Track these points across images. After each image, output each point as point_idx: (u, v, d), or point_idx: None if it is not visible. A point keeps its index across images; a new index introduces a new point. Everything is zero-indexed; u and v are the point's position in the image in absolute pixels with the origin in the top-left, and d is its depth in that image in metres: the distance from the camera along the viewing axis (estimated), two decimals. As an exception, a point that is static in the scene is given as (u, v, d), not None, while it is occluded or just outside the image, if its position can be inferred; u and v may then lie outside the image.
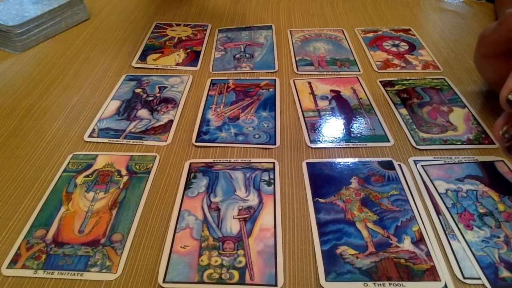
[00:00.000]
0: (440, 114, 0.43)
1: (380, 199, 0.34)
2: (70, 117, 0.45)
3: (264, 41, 0.58)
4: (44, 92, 0.49)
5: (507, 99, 0.29)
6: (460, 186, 0.35)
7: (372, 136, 0.41)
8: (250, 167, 0.38)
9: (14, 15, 0.56)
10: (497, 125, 0.31)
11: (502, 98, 0.30)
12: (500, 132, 0.30)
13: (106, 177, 0.37)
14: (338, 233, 0.32)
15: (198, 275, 0.29)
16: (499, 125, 0.30)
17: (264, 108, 0.45)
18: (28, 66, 0.54)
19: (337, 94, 0.47)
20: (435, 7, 0.67)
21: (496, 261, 0.29)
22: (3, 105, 0.47)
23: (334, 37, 0.59)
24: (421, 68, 0.51)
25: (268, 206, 0.34)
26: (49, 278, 0.30)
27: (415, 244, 0.31)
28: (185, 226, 0.33)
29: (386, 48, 0.56)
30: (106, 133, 0.42)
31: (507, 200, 0.34)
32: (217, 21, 0.64)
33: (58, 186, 0.36)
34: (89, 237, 0.32)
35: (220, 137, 0.41)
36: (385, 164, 0.38)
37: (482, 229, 0.32)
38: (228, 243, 0.31)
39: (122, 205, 0.35)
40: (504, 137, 0.30)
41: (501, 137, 0.30)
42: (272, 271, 0.29)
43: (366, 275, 0.29)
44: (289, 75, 0.51)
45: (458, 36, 0.58)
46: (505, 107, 0.30)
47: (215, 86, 0.49)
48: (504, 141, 0.30)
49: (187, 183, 0.36)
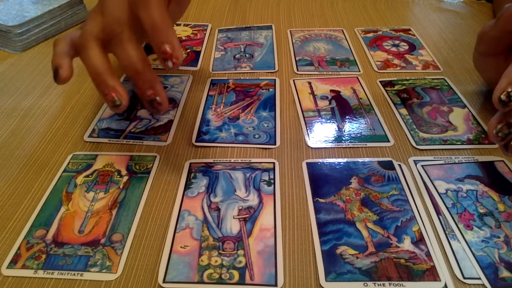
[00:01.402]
0: (440, 114, 0.43)
1: (380, 199, 0.34)
2: (70, 117, 0.45)
3: (264, 41, 0.58)
4: (44, 92, 0.49)
5: (499, 99, 0.30)
6: (460, 186, 0.35)
7: (372, 136, 0.41)
8: (250, 167, 0.38)
9: (14, 15, 0.56)
10: (491, 124, 0.31)
11: (495, 98, 0.30)
12: (494, 131, 0.31)
13: (106, 177, 0.37)
14: (338, 233, 0.32)
15: (198, 275, 0.29)
16: (493, 123, 0.31)
17: (264, 108, 0.45)
18: (28, 66, 0.54)
19: (337, 94, 0.47)
20: (435, 7, 0.67)
21: (496, 261, 0.29)
22: (3, 105, 0.47)
23: (334, 37, 0.59)
24: (421, 68, 0.51)
25: (268, 206, 0.34)
26: (49, 278, 0.30)
27: (415, 244, 0.31)
28: (185, 226, 0.33)
29: (386, 48, 0.56)
30: (106, 133, 0.42)
31: (507, 200, 0.34)
32: (217, 21, 0.64)
33: (58, 186, 0.36)
34: (89, 237, 0.32)
35: (220, 137, 0.41)
36: (385, 164, 0.38)
37: (482, 229, 0.32)
38: (228, 243, 0.31)
39: (122, 205, 0.35)
40: (498, 136, 0.31)
41: (495, 135, 0.31)
42: (272, 271, 0.29)
43: (366, 275, 0.29)
44: (289, 75, 0.51)
45: (458, 36, 0.58)
46: (498, 106, 0.30)
47: (215, 86, 0.49)
48: (498, 140, 0.31)
49: (187, 183, 0.36)
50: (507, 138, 0.30)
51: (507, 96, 0.30)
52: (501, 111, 0.31)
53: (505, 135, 0.30)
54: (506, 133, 0.30)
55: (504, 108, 0.30)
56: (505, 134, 0.30)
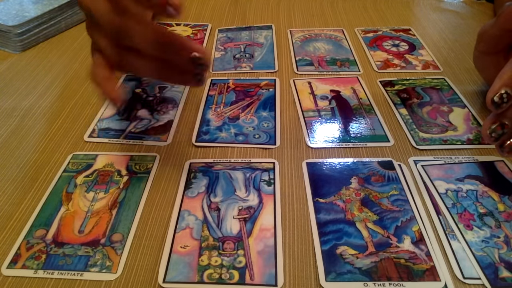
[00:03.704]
0: (440, 114, 0.43)
1: (380, 199, 0.34)
2: (70, 117, 0.45)
3: (264, 41, 0.58)
4: (44, 92, 0.49)
5: (492, 101, 0.30)
6: (460, 186, 0.35)
7: (372, 136, 0.41)
8: (250, 167, 0.38)
9: (14, 15, 0.56)
10: (485, 125, 0.32)
11: (488, 100, 0.31)
12: (487, 131, 0.31)
13: (106, 177, 0.37)
14: (338, 233, 0.32)
15: (198, 275, 0.29)
16: (487, 124, 0.32)
17: (264, 108, 0.45)
18: (28, 66, 0.54)
19: (337, 94, 0.47)
20: (435, 7, 0.67)
21: (496, 261, 0.29)
22: (3, 105, 0.47)
23: (334, 37, 0.59)
24: (421, 68, 0.51)
25: (268, 206, 0.34)
26: (49, 278, 0.30)
27: (415, 244, 0.31)
28: (185, 226, 0.33)
29: (386, 48, 0.56)
30: (106, 133, 0.42)
31: (507, 200, 0.34)
32: (217, 21, 0.64)
33: (58, 186, 0.36)
34: (89, 237, 0.32)
35: (220, 137, 0.41)
36: (385, 164, 0.38)
37: (482, 229, 0.32)
38: (228, 243, 0.31)
39: (122, 205, 0.35)
40: (492, 136, 0.31)
41: (489, 136, 0.31)
42: (272, 271, 0.29)
43: (366, 275, 0.29)
44: (289, 75, 0.51)
45: (458, 36, 0.58)
46: (491, 108, 0.31)
47: (215, 86, 0.49)
48: (492, 140, 0.31)
49: (187, 183, 0.36)
50: (501, 139, 0.31)
51: (500, 98, 0.30)
52: (495, 112, 0.31)
53: (498, 136, 0.31)
54: (499, 133, 0.31)
55: (497, 109, 0.31)
56: (499, 134, 0.31)
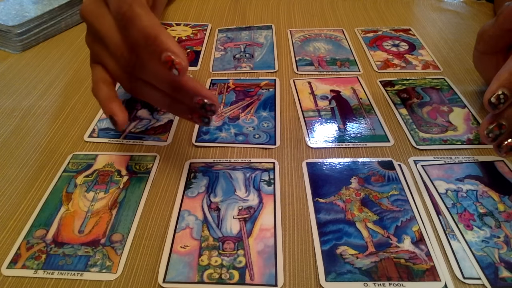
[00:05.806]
0: (440, 114, 0.43)
1: (380, 199, 0.34)
2: (70, 117, 0.45)
3: (264, 41, 0.58)
4: (44, 92, 0.49)
5: (489, 101, 0.31)
6: (460, 186, 0.35)
7: (372, 136, 0.41)
8: (250, 167, 0.38)
9: (14, 15, 0.56)
10: (482, 125, 0.32)
11: (485, 101, 0.31)
12: (485, 132, 0.32)
13: (106, 177, 0.37)
14: (338, 233, 0.32)
15: (198, 275, 0.29)
16: (484, 125, 0.32)
17: (264, 108, 0.45)
18: (28, 66, 0.54)
19: (337, 94, 0.47)
20: (435, 7, 0.67)
21: (496, 261, 0.29)
22: (3, 105, 0.47)
23: (334, 37, 0.59)
24: (421, 68, 0.51)
25: (268, 206, 0.34)
26: (49, 278, 0.30)
27: (415, 244, 0.31)
28: (185, 226, 0.33)
29: (386, 48, 0.56)
30: (106, 133, 0.42)
31: (507, 200, 0.34)
32: (217, 21, 0.64)
33: (58, 186, 0.36)
34: (89, 237, 0.32)
35: (220, 137, 0.41)
36: (385, 164, 0.38)
37: (482, 229, 0.32)
38: (228, 243, 0.31)
39: (122, 205, 0.35)
40: (489, 137, 0.31)
41: (486, 136, 0.32)
42: (272, 271, 0.29)
43: (366, 275, 0.29)
44: (289, 75, 0.51)
45: (458, 36, 0.58)
46: (488, 109, 0.31)
47: (215, 86, 0.49)
48: (489, 140, 0.32)
49: (187, 183, 0.36)
50: (498, 139, 0.31)
51: (497, 99, 0.31)
52: (492, 113, 0.32)
53: (496, 136, 0.31)
54: (497, 134, 0.31)
55: (494, 110, 0.31)
56: (496, 135, 0.31)
